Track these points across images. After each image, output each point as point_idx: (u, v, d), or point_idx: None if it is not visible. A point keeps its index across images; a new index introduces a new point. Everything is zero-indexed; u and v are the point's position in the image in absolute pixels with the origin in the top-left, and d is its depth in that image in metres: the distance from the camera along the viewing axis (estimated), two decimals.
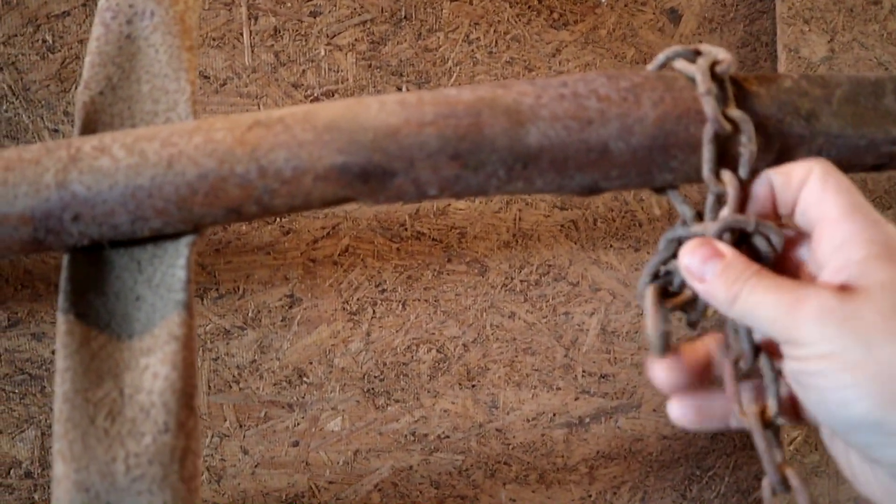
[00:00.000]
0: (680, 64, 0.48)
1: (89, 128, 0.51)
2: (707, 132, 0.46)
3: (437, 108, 0.44)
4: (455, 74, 0.90)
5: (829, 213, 0.41)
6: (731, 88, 0.47)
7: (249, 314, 0.90)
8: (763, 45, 1.03)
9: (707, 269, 0.43)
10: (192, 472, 0.44)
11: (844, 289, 0.39)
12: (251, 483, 0.94)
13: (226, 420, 0.92)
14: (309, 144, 0.44)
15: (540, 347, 0.99)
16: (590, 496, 1.06)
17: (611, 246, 0.99)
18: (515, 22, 0.91)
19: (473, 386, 0.98)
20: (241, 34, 0.84)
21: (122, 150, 0.45)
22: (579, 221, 0.97)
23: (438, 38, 0.89)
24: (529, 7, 0.91)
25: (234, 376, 0.91)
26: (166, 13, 0.54)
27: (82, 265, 0.48)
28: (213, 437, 0.91)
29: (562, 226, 0.97)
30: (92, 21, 0.76)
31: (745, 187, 0.46)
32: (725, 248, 0.43)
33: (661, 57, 0.49)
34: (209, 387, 0.90)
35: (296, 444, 0.94)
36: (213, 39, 0.83)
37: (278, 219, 0.88)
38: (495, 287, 0.95)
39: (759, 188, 0.45)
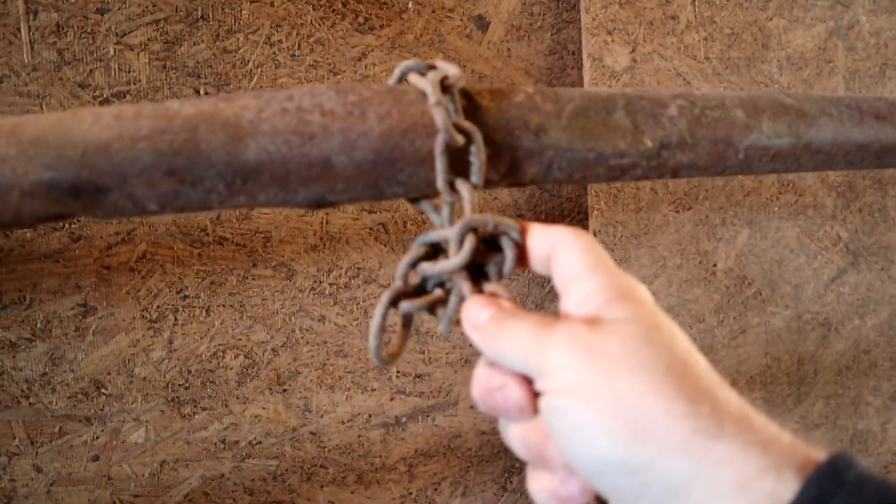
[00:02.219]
0: (413, 78, 0.49)
1: None
2: (439, 143, 0.47)
3: (154, 123, 0.43)
4: (256, 77, 0.89)
5: (575, 270, 0.42)
6: (460, 101, 0.49)
7: (38, 325, 0.85)
8: (570, 53, 1.08)
9: (482, 315, 0.43)
10: None
11: (592, 321, 0.39)
12: (47, 502, 0.90)
13: (15, 437, 0.87)
14: (12, 160, 0.42)
15: (352, 350, 0.99)
16: (410, 494, 1.08)
17: None
18: (319, 25, 0.91)
19: (284, 390, 0.97)
20: (19, 29, 0.79)
21: None
22: (388, 224, 0.98)
23: (238, 39, 0.87)
24: (333, 10, 0.91)
25: (22, 391, 0.86)
26: None
27: None
28: (0, 456, 0.86)
29: (371, 228, 0.97)
30: None
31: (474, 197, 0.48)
32: (505, 302, 0.44)
33: (396, 71, 0.50)
34: None
35: (96, 458, 0.90)
36: None
37: (66, 224, 0.84)
38: (303, 291, 0.95)
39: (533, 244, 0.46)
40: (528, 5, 1.03)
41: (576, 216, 1.12)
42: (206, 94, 0.87)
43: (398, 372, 1.03)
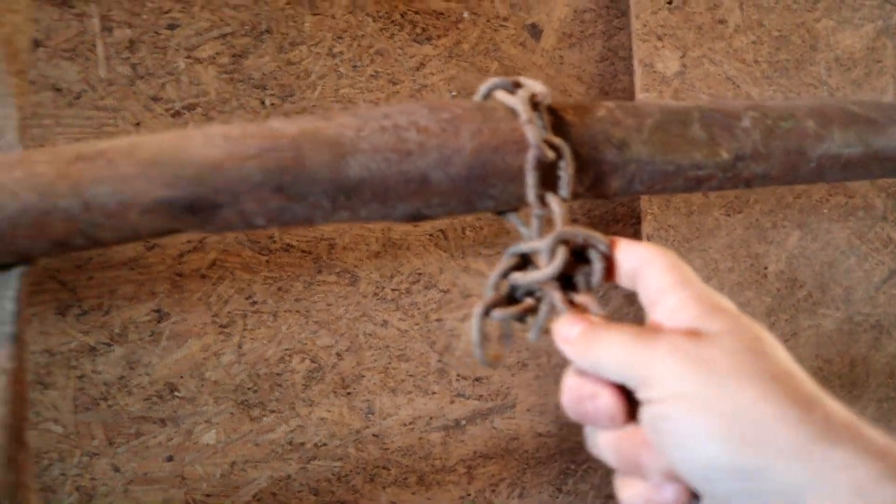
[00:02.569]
0: (501, 95, 0.51)
1: None
2: (530, 159, 0.49)
3: (261, 142, 0.46)
4: (319, 88, 0.91)
5: (663, 284, 0.44)
6: (548, 118, 0.51)
7: (116, 330, 0.88)
8: (621, 59, 1.09)
9: (573, 330, 0.45)
10: None
11: (693, 333, 0.40)
12: (124, 501, 0.93)
13: (94, 438, 0.90)
14: (133, 179, 0.45)
15: (414, 354, 1.01)
16: (469, 495, 1.10)
17: (480, 253, 1.02)
18: (379, 36, 0.93)
19: (349, 393, 0.99)
20: (95, 45, 0.82)
21: None
22: (448, 230, 1.00)
23: (301, 51, 0.90)
24: (392, 22, 0.93)
25: (101, 393, 0.89)
26: None
27: None
28: (81, 456, 0.90)
29: (431, 235, 0.99)
30: None
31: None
32: (594, 317, 0.46)
33: (482, 88, 0.52)
34: (75, 405, 0.89)
35: (170, 458, 0.94)
36: (65, 51, 0.81)
37: None
38: (367, 296, 0.97)
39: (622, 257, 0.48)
40: (579, 13, 1.04)
41: (629, 221, 1.13)
42: (272, 105, 0.90)
43: (458, 375, 1.05)
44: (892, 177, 0.68)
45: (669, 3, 1.07)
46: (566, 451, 1.16)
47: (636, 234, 1.14)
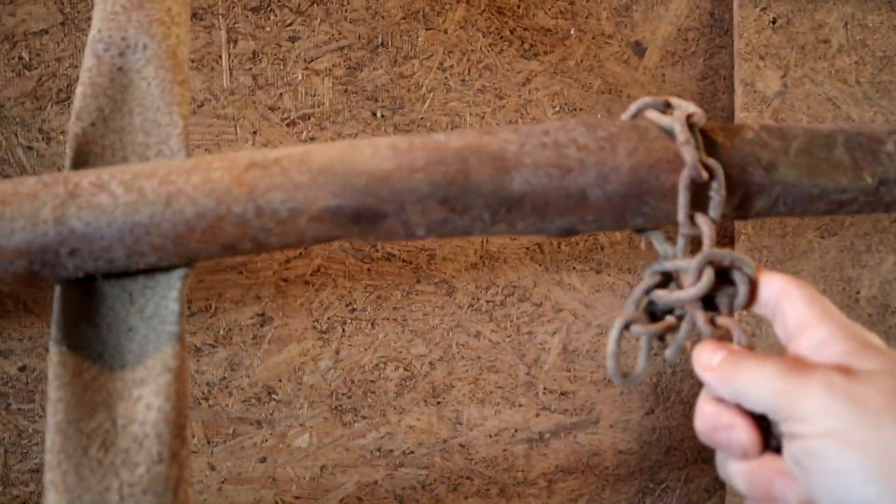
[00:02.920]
0: (653, 115, 0.52)
1: (80, 158, 0.52)
2: (684, 178, 0.49)
3: (428, 154, 0.47)
4: (428, 101, 0.92)
5: (804, 318, 0.43)
6: (701, 139, 0.51)
7: (220, 332, 0.91)
8: (721, 78, 1.08)
9: (714, 357, 0.45)
10: (185, 500, 0.45)
11: (846, 370, 0.39)
12: (218, 499, 0.95)
13: (194, 437, 0.92)
14: (304, 187, 0.46)
15: (503, 365, 1.02)
16: None
17: (574, 268, 1.02)
18: (488, 51, 0.94)
19: (438, 403, 1.00)
20: (220, 56, 0.85)
21: (120, 187, 0.46)
22: (544, 244, 1.00)
23: (413, 65, 0.92)
24: (502, 37, 0.94)
25: (203, 393, 0.92)
26: (158, 46, 0.55)
27: (74, 296, 0.49)
28: None
29: (527, 248, 1.00)
30: (70, 40, 0.76)
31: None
32: (735, 346, 0.46)
33: (633, 108, 0.53)
34: None
35: (263, 460, 0.95)
36: (192, 61, 0.84)
37: None
38: (462, 307, 0.98)
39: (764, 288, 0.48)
40: (683, 31, 1.04)
41: (721, 241, 1.12)
42: (382, 116, 0.91)
43: (545, 389, 1.05)
44: None
45: (773, 22, 1.07)
46: (646, 469, 1.15)
47: None
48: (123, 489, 0.44)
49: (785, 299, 0.45)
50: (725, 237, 1.12)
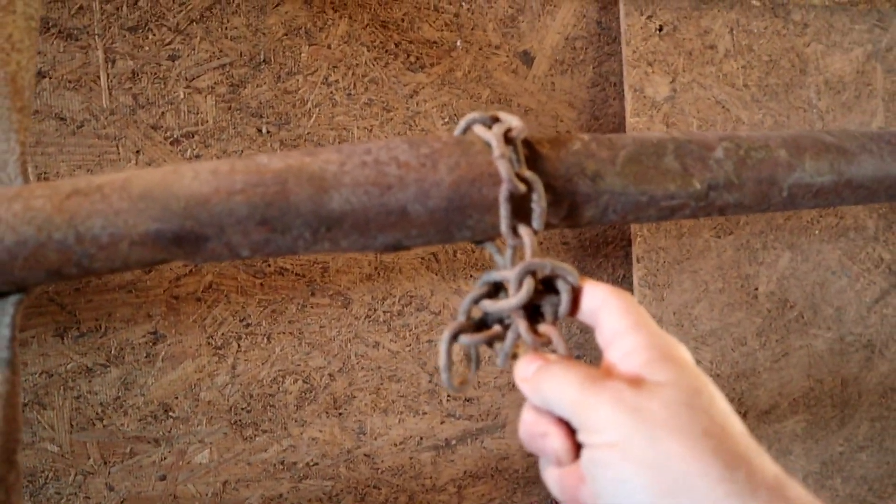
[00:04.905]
0: (478, 129, 0.53)
1: None
2: (503, 192, 0.51)
3: (247, 177, 0.48)
4: (315, 116, 0.93)
5: (618, 327, 0.46)
6: (522, 152, 0.53)
7: (112, 351, 0.90)
8: (612, 84, 1.11)
9: (530, 368, 0.47)
10: None
11: (636, 382, 0.42)
12: None
13: (89, 458, 0.92)
14: (125, 212, 0.47)
15: (405, 374, 1.03)
16: None
17: (471, 276, 1.04)
18: (373, 65, 0.96)
19: (340, 414, 1.01)
20: (98, 76, 0.85)
21: None
22: (440, 254, 1.02)
23: (297, 80, 0.92)
24: (387, 51, 0.96)
25: (97, 413, 0.91)
26: None
27: None
28: (76, 475, 0.91)
29: (422, 258, 1.01)
30: None
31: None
32: (551, 356, 0.48)
33: (462, 123, 0.54)
34: (71, 425, 0.91)
35: (163, 478, 0.95)
36: (69, 82, 0.84)
37: None
38: (359, 318, 0.99)
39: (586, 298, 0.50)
40: (570, 40, 1.07)
41: (619, 243, 1.15)
42: (269, 132, 0.92)
43: (448, 396, 1.06)
44: (866, 203, 0.70)
45: (660, 29, 1.10)
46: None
47: (626, 257, 1.15)
48: None
49: (604, 308, 0.47)
50: (623, 240, 1.15)
